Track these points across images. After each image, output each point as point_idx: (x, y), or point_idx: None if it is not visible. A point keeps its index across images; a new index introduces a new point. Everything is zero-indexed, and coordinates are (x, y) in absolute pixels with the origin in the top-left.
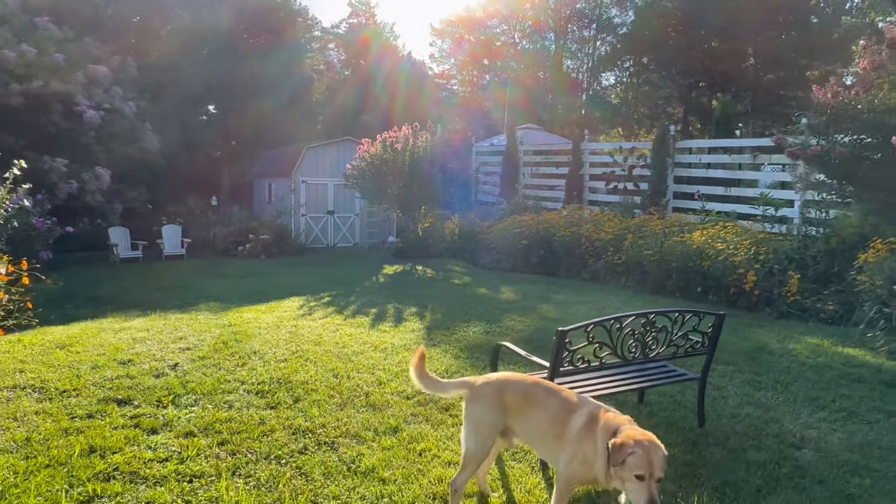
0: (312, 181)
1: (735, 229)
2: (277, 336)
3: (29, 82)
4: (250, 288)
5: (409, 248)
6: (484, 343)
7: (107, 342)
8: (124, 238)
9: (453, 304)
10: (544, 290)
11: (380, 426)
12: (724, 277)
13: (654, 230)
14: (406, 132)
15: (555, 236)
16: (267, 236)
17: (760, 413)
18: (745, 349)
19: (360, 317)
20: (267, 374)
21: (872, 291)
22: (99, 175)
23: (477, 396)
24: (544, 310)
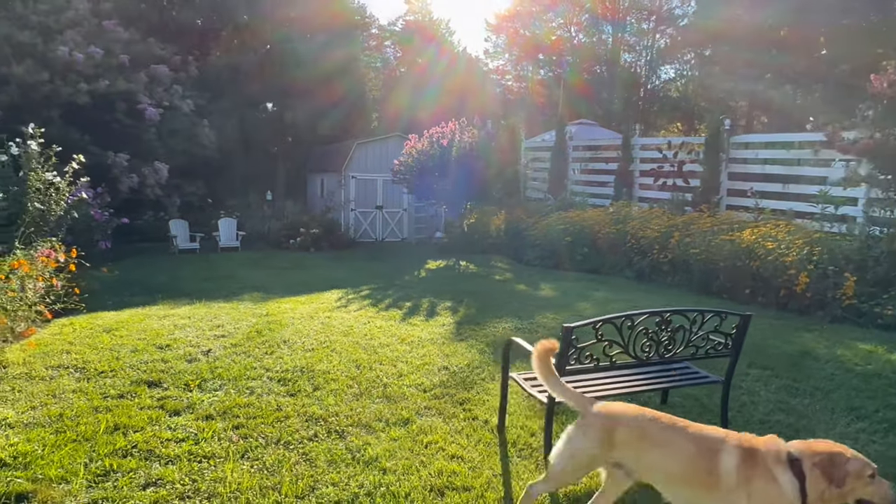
0: (362, 176)
1: (788, 228)
2: (309, 326)
3: (96, 82)
4: (294, 280)
5: (454, 244)
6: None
7: (150, 328)
8: (183, 230)
9: (489, 300)
10: (585, 287)
11: (391, 417)
12: (775, 278)
13: (702, 228)
14: (452, 128)
15: (599, 233)
16: (317, 230)
17: (792, 421)
18: (787, 353)
19: (393, 310)
20: (292, 362)
21: None
22: (158, 169)
23: (585, 424)
24: (581, 307)
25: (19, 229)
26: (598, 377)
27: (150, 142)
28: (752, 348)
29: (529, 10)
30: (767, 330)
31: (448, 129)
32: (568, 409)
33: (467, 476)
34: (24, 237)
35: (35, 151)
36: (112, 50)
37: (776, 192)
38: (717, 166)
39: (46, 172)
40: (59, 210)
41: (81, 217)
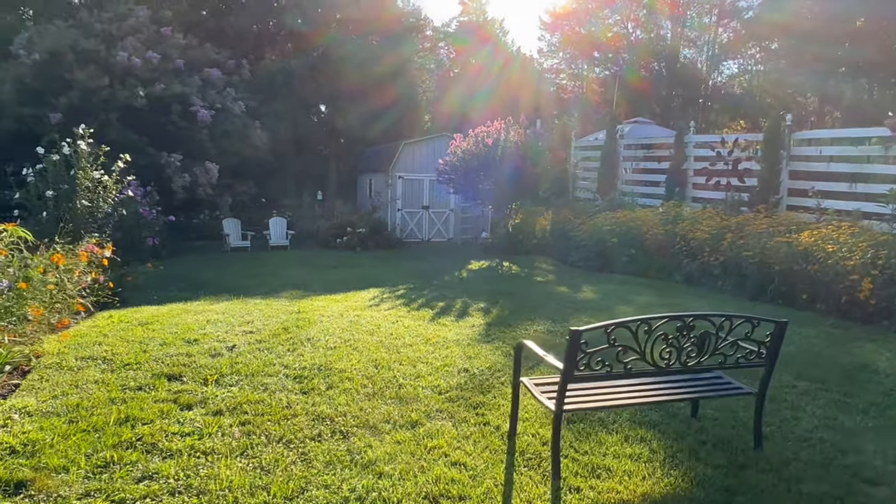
0: (409, 176)
1: (851, 229)
2: (337, 324)
3: (152, 86)
4: (335, 278)
5: (498, 245)
6: (542, 343)
7: (183, 322)
8: (236, 229)
9: (525, 302)
10: (628, 290)
11: (400, 419)
12: (835, 284)
13: (756, 229)
14: (498, 127)
15: (647, 234)
16: (363, 230)
17: (838, 439)
18: (842, 365)
19: (424, 310)
20: (312, 360)
21: None
22: (209, 169)
23: None
24: (620, 311)
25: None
26: (615, 384)
27: (203, 142)
28: (804, 358)
29: (585, 7)
30: (823, 339)
31: (494, 128)
32: (582, 418)
33: (466, 485)
34: (72, 233)
35: (85, 151)
36: (169, 55)
37: (842, 191)
38: (776, 164)
39: (94, 171)
40: (106, 207)
41: (130, 214)
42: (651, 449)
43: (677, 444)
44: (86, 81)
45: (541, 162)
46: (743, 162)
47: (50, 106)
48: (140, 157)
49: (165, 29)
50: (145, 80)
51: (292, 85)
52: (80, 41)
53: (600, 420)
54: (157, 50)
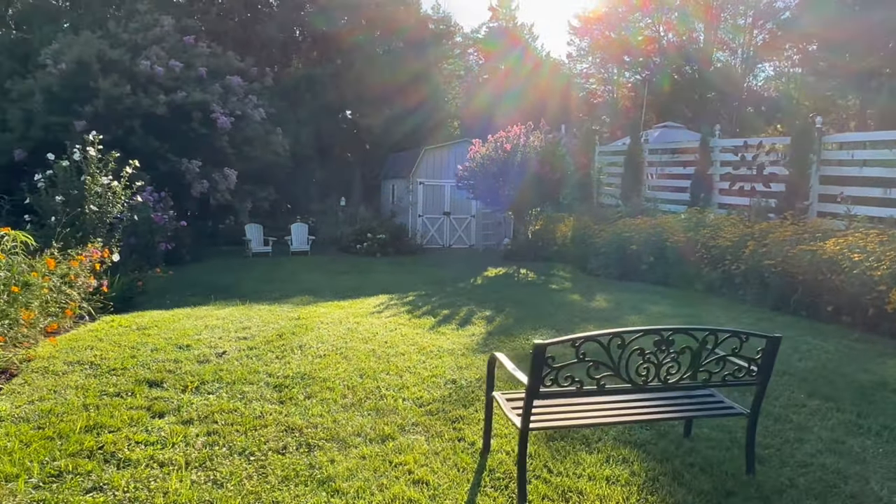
0: (430, 182)
1: (880, 237)
2: (334, 332)
3: (174, 93)
4: (347, 284)
5: (518, 251)
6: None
7: (181, 328)
8: (258, 234)
9: (533, 310)
10: (643, 300)
11: (372, 432)
12: (862, 295)
13: (780, 237)
14: (517, 132)
15: (667, 242)
16: (383, 236)
17: (843, 465)
18: (860, 383)
19: (427, 317)
20: (298, 368)
21: None
22: (227, 175)
23: None
24: (629, 321)
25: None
26: (595, 401)
27: (223, 149)
28: (819, 374)
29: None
30: (844, 354)
31: (513, 133)
32: (564, 435)
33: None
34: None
35: (94, 157)
36: (192, 63)
37: (876, 197)
38: (805, 169)
39: (103, 177)
40: (115, 212)
41: (142, 220)
42: (632, 471)
43: (662, 466)
44: (109, 90)
45: (560, 167)
46: (768, 167)
47: (76, 114)
48: (161, 163)
49: (188, 38)
50: (168, 88)
51: (316, 91)
52: (107, 51)
53: (583, 438)
54: (181, 59)
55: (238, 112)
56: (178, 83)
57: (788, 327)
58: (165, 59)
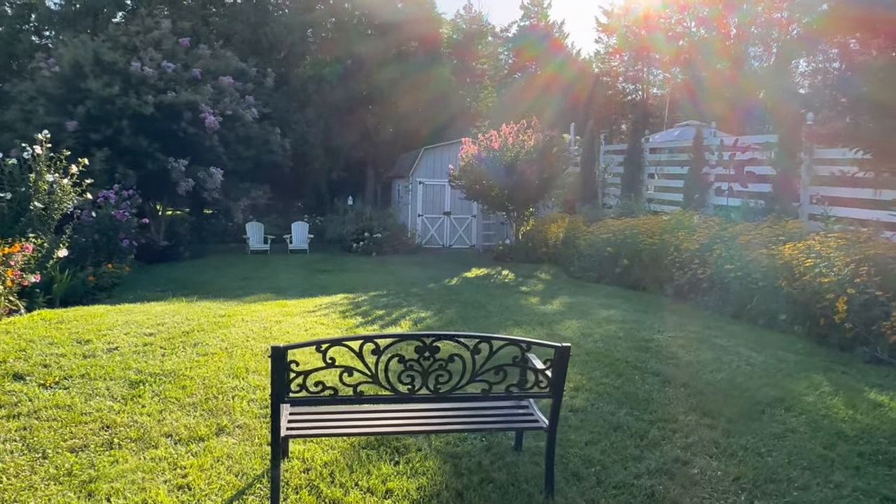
0: (430, 182)
1: (839, 241)
2: (247, 329)
3: (164, 94)
4: (318, 283)
5: (510, 252)
6: None
7: (100, 322)
8: (258, 233)
9: (473, 312)
10: (601, 304)
11: (186, 433)
12: (813, 304)
13: (745, 240)
14: (506, 131)
15: (642, 244)
16: (379, 235)
17: (665, 488)
18: (756, 399)
19: (357, 318)
20: (172, 366)
21: None
22: (212, 174)
23: None
24: (563, 327)
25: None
26: (373, 410)
27: (214, 148)
28: (719, 389)
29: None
30: (767, 368)
31: (504, 131)
32: (383, 441)
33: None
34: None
35: (42, 155)
36: (189, 64)
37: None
38: (793, 168)
39: (50, 175)
40: (63, 209)
41: (104, 217)
42: (418, 486)
43: (454, 481)
44: (99, 90)
45: (550, 167)
46: (752, 166)
47: (69, 115)
48: (150, 161)
49: (184, 40)
50: (159, 88)
51: (324, 92)
52: (104, 53)
53: (401, 447)
54: (178, 60)
55: (229, 112)
56: (170, 84)
57: (731, 336)
58: (159, 61)
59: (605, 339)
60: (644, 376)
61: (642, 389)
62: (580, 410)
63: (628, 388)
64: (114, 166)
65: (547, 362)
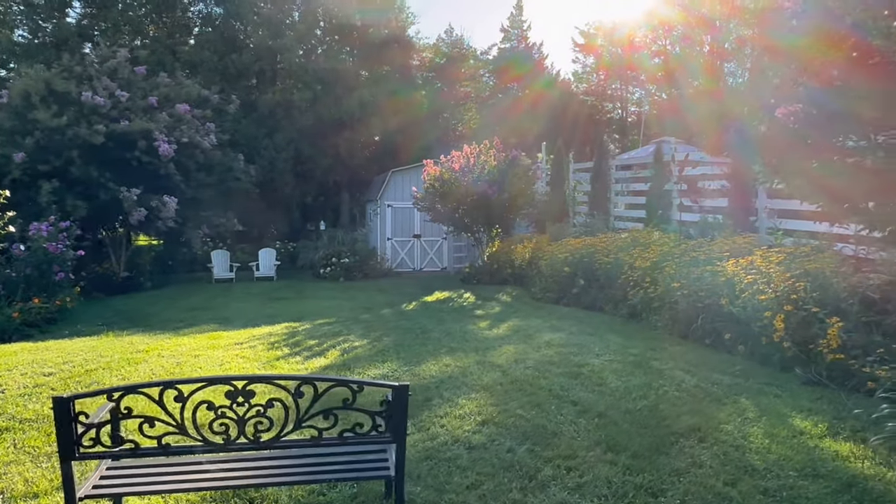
0: (398, 205)
1: (779, 256)
2: (155, 366)
3: (117, 123)
4: (269, 312)
5: (476, 274)
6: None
7: (5, 362)
8: (223, 260)
9: (414, 339)
10: (550, 326)
11: (21, 488)
12: (753, 322)
13: (691, 257)
14: (467, 152)
15: (598, 263)
16: (347, 260)
17: None
18: (672, 430)
19: (287, 348)
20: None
21: None
22: (166, 202)
23: None
24: (500, 352)
25: None
26: (172, 463)
27: (171, 176)
28: (637, 419)
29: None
30: (696, 392)
31: (466, 151)
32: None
33: None
34: None
35: None
36: (147, 93)
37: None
38: (749, 182)
39: None
40: None
41: (36, 250)
42: None
43: None
44: (47, 121)
45: (512, 188)
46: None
47: (18, 146)
48: (102, 192)
49: (139, 68)
50: (112, 117)
51: (293, 117)
52: (56, 83)
53: (258, 497)
54: (135, 89)
55: (185, 139)
56: (124, 113)
57: (672, 358)
58: (113, 89)
59: (537, 366)
60: (562, 406)
61: (554, 421)
62: (477, 448)
63: (540, 420)
64: (62, 198)
65: (384, 404)
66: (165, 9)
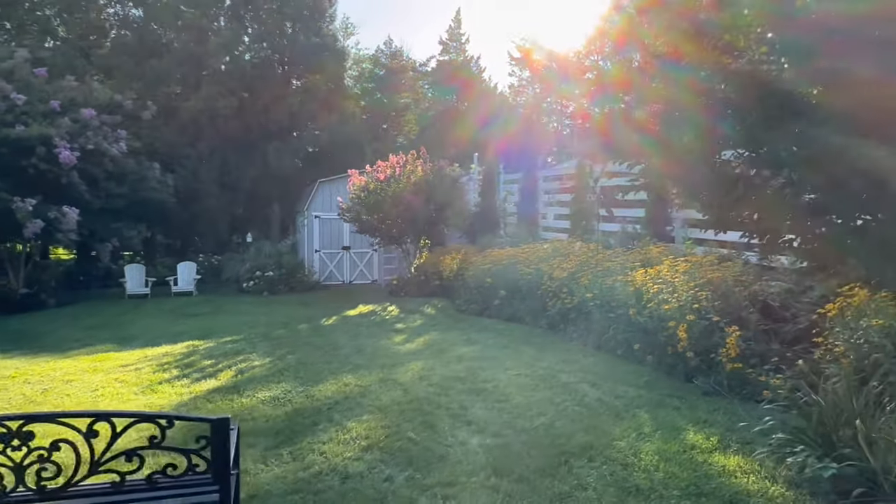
0: (326, 216)
1: (685, 265)
2: (17, 393)
3: (11, 128)
4: (176, 330)
5: (404, 286)
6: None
7: None
8: (138, 275)
9: (320, 357)
10: (467, 339)
11: None
12: (659, 332)
13: (604, 267)
14: (393, 162)
15: (520, 274)
16: (272, 273)
17: None
18: (567, 448)
19: (177, 370)
20: None
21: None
22: (66, 213)
23: None
24: (408, 369)
25: None
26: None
27: (74, 185)
28: (531, 439)
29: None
30: (603, 406)
31: (392, 161)
32: None
33: None
34: None
35: None
36: (42, 97)
37: None
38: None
39: None
40: None
41: None
42: None
43: None
44: None
45: (438, 198)
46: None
47: None
48: None
49: (39, 70)
50: (6, 122)
51: (218, 125)
52: None
53: None
54: (31, 91)
55: (90, 146)
56: (21, 117)
57: (581, 371)
58: (9, 91)
59: (442, 383)
60: (456, 426)
61: (444, 444)
62: (353, 477)
63: (430, 442)
64: None
65: (201, 440)
66: (76, 9)
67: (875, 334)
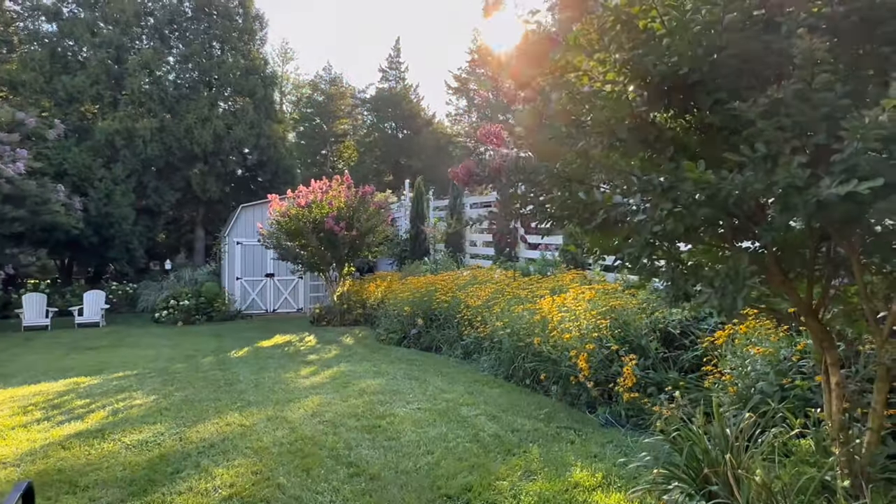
0: (248, 242)
1: (591, 292)
2: None
3: None
4: (65, 365)
5: (326, 315)
6: (100, 461)
7: None
8: (38, 305)
9: (211, 394)
10: (376, 372)
11: None
12: (563, 362)
13: (514, 294)
14: (315, 187)
15: (436, 302)
16: (187, 302)
17: None
18: (442, 490)
19: (41, 412)
20: None
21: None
22: None
23: None
24: (301, 405)
25: None
26: None
27: None
28: (411, 480)
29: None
30: (496, 442)
31: (314, 186)
32: None
33: None
34: None
35: None
36: None
37: None
38: None
39: None
40: None
41: None
42: None
43: None
44: None
45: (360, 225)
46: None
47: None
48: None
49: None
50: None
51: (136, 147)
52: None
53: None
54: None
55: None
56: None
57: (484, 403)
58: None
59: (334, 420)
60: (335, 470)
61: (314, 491)
62: None
63: (299, 490)
64: None
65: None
66: None
67: (759, 362)
